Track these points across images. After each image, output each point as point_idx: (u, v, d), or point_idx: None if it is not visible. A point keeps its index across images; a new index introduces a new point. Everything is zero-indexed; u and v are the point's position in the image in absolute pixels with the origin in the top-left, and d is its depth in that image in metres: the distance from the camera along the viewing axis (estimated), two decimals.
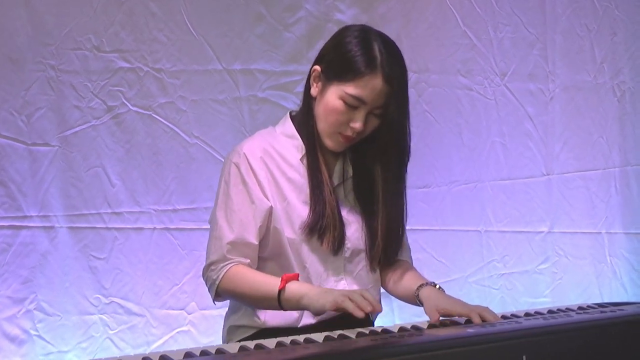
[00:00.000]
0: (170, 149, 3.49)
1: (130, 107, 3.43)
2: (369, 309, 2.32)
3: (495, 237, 4.03)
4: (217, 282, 2.55)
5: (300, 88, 2.71)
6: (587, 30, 4.17)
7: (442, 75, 3.91)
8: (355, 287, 2.68)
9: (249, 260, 2.57)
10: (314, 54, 3.59)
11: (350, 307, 2.31)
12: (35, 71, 3.30)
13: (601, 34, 4.19)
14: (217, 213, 2.62)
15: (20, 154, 3.30)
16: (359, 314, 2.31)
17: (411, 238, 2.83)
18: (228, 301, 2.78)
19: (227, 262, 2.55)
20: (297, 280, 2.49)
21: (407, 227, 2.75)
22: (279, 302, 2.46)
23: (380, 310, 2.45)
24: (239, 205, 2.58)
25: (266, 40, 3.61)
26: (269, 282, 2.49)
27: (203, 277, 2.62)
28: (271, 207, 2.59)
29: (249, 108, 3.58)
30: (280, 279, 2.47)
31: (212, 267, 2.57)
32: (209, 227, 2.65)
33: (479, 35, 3.97)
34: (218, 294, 2.59)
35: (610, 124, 4.21)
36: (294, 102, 3.50)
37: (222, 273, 2.54)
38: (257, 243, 2.58)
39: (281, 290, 2.45)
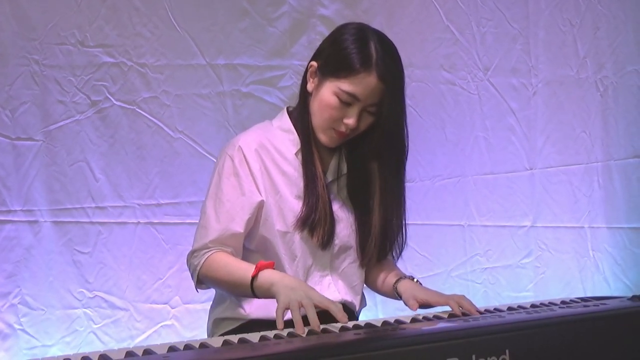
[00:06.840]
0: (154, 144, 3.49)
1: (114, 102, 3.42)
2: (316, 328, 2.22)
3: (478, 231, 4.04)
4: (197, 269, 2.57)
5: (284, 83, 2.72)
6: (570, 25, 4.17)
7: (425, 70, 3.91)
8: (340, 283, 2.72)
9: (231, 249, 2.59)
10: (297, 48, 3.61)
11: (295, 317, 2.23)
12: (19, 66, 3.29)
13: (584, 28, 4.19)
14: (206, 203, 2.65)
15: (4, 149, 3.29)
16: (299, 329, 2.20)
17: None
18: (213, 294, 2.79)
19: (208, 249, 2.57)
20: (272, 268, 2.48)
21: None
22: (252, 288, 2.46)
23: (345, 321, 2.30)
24: (228, 196, 2.60)
25: (250, 35, 3.61)
26: (244, 269, 2.49)
27: (187, 264, 2.65)
28: (262, 200, 2.61)
29: (233, 103, 3.58)
30: (255, 266, 2.47)
31: (195, 254, 2.60)
32: (192, 221, 2.67)
33: (462, 30, 3.97)
34: (200, 281, 2.61)
35: (593, 119, 4.21)
36: (278, 97, 3.51)
37: (203, 259, 2.56)
38: (242, 231, 2.60)
39: (254, 277, 2.45)
